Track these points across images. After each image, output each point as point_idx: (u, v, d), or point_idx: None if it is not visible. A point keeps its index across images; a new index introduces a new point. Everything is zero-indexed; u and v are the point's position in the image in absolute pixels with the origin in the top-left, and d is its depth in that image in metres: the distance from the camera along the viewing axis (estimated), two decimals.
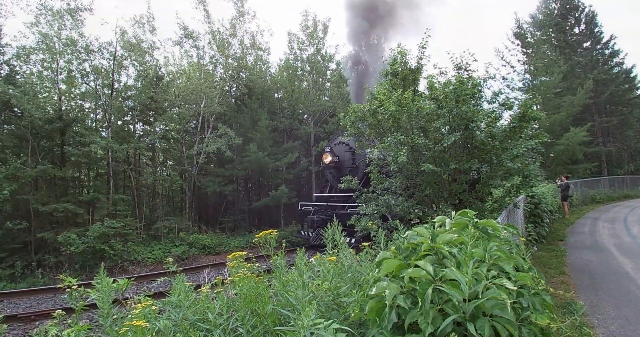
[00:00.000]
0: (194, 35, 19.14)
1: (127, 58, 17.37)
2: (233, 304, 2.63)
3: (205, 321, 2.58)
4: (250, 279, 2.55)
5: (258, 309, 2.54)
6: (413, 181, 7.04)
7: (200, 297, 2.89)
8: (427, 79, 7.66)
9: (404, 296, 1.75)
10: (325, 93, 23.37)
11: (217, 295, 2.88)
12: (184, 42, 19.39)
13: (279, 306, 2.39)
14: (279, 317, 2.52)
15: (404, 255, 2.03)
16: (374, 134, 7.58)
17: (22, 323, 6.96)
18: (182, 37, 19.26)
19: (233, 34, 20.00)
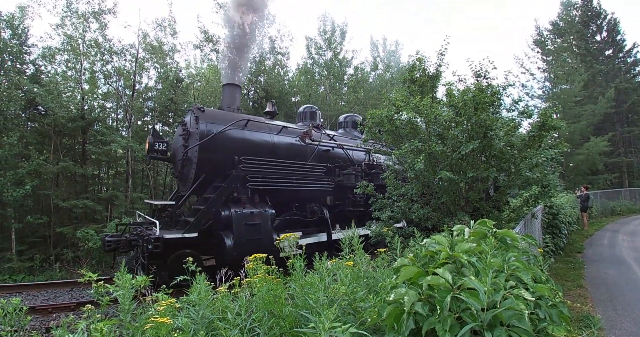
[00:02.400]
0: (214, 39, 19.48)
1: (148, 60, 17.76)
2: (251, 304, 2.69)
3: (223, 320, 2.65)
4: (268, 280, 2.60)
5: (275, 311, 2.59)
6: (429, 188, 7.02)
7: (218, 297, 2.96)
8: (446, 86, 7.64)
9: (422, 303, 1.77)
10: (342, 98, 23.45)
11: (234, 295, 2.95)
12: (204, 45, 19.75)
13: (297, 308, 2.43)
14: (295, 319, 2.56)
15: (422, 262, 2.05)
16: (391, 140, 7.59)
17: (39, 315, 7.14)
18: (203, 41, 19.62)
19: (252, 38, 20.22)
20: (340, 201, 10.76)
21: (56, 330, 2.62)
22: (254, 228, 7.97)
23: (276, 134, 9.78)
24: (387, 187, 7.63)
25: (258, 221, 8.05)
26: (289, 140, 10.00)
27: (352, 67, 24.77)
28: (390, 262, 3.69)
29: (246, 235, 7.81)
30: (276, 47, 21.30)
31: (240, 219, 7.82)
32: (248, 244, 7.70)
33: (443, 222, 6.46)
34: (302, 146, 10.19)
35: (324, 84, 23.13)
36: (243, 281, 3.12)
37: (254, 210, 8.15)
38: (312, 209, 9.80)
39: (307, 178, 9.57)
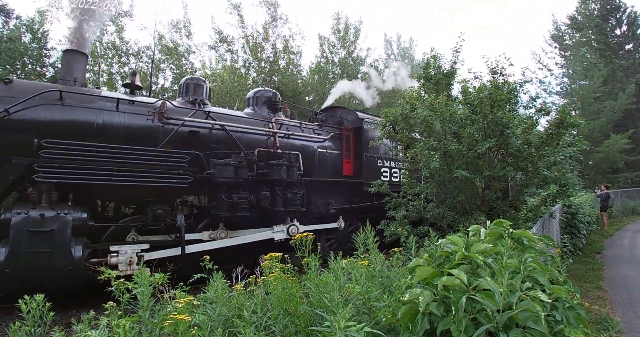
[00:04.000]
0: (228, 40, 19.67)
1: (164, 61, 18.04)
2: (266, 302, 2.73)
3: (239, 317, 2.69)
4: (283, 279, 2.63)
5: (290, 309, 2.62)
6: (445, 187, 6.96)
7: (234, 295, 3.01)
8: (461, 83, 7.57)
9: (437, 303, 1.78)
10: (356, 96, 23.41)
11: (250, 294, 2.99)
12: (219, 46, 19.97)
13: (312, 306, 2.46)
14: (310, 317, 2.59)
15: (437, 263, 2.05)
16: (406, 138, 7.55)
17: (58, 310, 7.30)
18: (217, 42, 19.85)
19: (266, 38, 20.39)
20: (213, 201, 7.90)
21: (77, 325, 2.70)
22: (42, 237, 5.81)
23: (110, 110, 7.13)
24: (402, 185, 7.59)
25: (50, 228, 5.88)
26: (133, 119, 7.31)
27: (366, 65, 24.71)
28: (404, 261, 3.69)
29: (28, 246, 5.67)
30: (289, 46, 21.37)
31: (21, 223, 5.75)
32: (30, 260, 5.64)
33: (459, 221, 6.40)
34: (154, 127, 7.35)
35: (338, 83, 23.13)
36: (259, 279, 3.16)
37: (48, 212, 5.93)
38: (156, 213, 7.03)
39: (151, 170, 6.77)
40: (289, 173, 8.11)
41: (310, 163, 9.45)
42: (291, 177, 8.15)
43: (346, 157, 10.37)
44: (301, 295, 2.78)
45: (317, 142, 9.87)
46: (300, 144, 9.41)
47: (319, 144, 9.88)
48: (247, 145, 8.27)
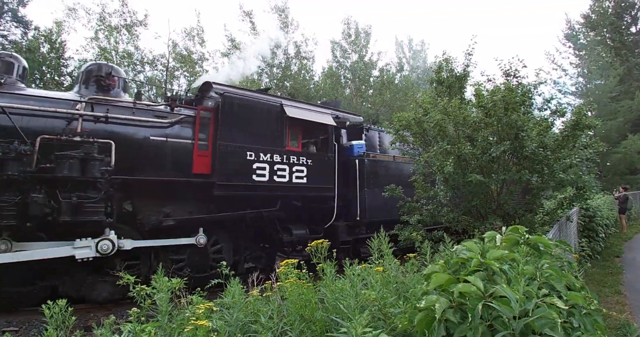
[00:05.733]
0: (240, 47, 19.96)
1: (178, 69, 18.36)
2: (282, 308, 2.76)
3: (255, 323, 2.73)
4: (299, 285, 2.66)
5: (306, 315, 2.65)
6: (459, 191, 6.93)
7: (250, 300, 3.05)
8: (474, 86, 7.53)
9: (453, 310, 1.79)
10: (368, 100, 23.43)
11: (266, 299, 3.03)
12: (231, 53, 20.24)
13: (328, 312, 2.48)
14: (326, 323, 2.61)
15: (452, 269, 2.06)
16: (419, 142, 7.53)
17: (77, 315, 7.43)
18: (230, 49, 20.12)
19: (278, 45, 20.60)
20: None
21: (98, 330, 2.77)
22: None
23: None
24: (416, 189, 7.54)
25: None
26: None
27: (378, 68, 24.72)
28: (419, 267, 3.69)
29: None
30: (301, 52, 21.55)
31: None
32: None
33: (474, 226, 6.36)
34: None
35: (350, 87, 23.20)
36: (274, 285, 3.20)
37: None
38: None
39: None
40: (85, 169, 5.86)
41: (137, 156, 6.80)
42: (88, 175, 5.86)
43: (200, 148, 7.33)
44: (316, 301, 2.81)
45: (154, 127, 7.05)
46: (124, 130, 6.76)
47: (156, 131, 7.04)
48: (35, 133, 5.93)
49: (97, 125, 6.54)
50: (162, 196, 7.04)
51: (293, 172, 8.02)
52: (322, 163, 8.73)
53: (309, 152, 8.85)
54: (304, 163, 8.24)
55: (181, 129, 7.38)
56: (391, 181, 9.48)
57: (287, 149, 8.11)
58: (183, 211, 7.22)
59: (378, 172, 9.66)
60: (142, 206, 7.01)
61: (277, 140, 7.92)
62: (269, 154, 7.67)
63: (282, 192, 7.89)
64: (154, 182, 6.87)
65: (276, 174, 7.71)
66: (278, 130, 7.98)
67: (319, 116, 8.94)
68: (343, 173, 9.28)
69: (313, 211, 8.96)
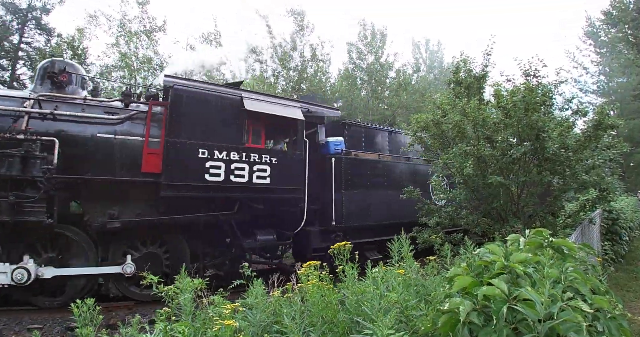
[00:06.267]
0: (257, 50, 20.22)
1: (196, 73, 18.67)
2: (304, 309, 2.80)
3: (277, 323, 2.78)
4: (321, 287, 2.70)
5: (327, 316, 2.68)
6: (479, 193, 6.87)
7: (272, 301, 3.10)
8: (493, 86, 7.45)
9: (477, 312, 1.80)
10: (385, 101, 23.32)
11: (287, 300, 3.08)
12: (248, 57, 20.55)
13: (350, 314, 2.51)
14: (348, 325, 2.64)
15: (475, 272, 2.07)
16: (438, 144, 7.49)
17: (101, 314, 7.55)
18: (247, 53, 20.45)
19: (294, 47, 20.74)
20: None
21: (124, 328, 2.86)
22: None
23: None
24: (434, 191, 7.51)
25: None
26: None
27: (394, 70, 24.62)
28: (439, 270, 3.69)
29: None
30: (317, 54, 21.64)
31: None
32: None
33: (494, 228, 6.30)
34: None
35: (366, 88, 23.14)
36: (295, 287, 3.25)
37: None
38: None
39: None
40: (25, 167, 5.82)
41: (83, 154, 6.53)
42: (27, 174, 5.80)
43: (151, 146, 6.85)
44: (337, 302, 2.85)
45: (102, 124, 6.76)
46: (71, 127, 6.54)
47: (104, 128, 6.75)
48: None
49: (44, 123, 6.34)
50: (110, 197, 6.67)
51: (254, 172, 7.25)
52: (289, 162, 7.84)
53: (273, 150, 8.10)
54: (267, 162, 7.43)
55: (133, 126, 6.98)
56: (377, 182, 9.15)
57: (247, 146, 7.36)
58: (131, 213, 6.79)
59: (360, 172, 8.90)
60: (89, 207, 6.67)
61: (235, 136, 7.19)
62: (225, 151, 6.98)
63: (241, 194, 7.15)
64: (100, 182, 6.54)
65: (233, 173, 7.01)
66: (236, 125, 7.22)
67: (284, 110, 7.98)
68: (319, 173, 8.57)
69: (281, 214, 8.04)
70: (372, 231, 8.91)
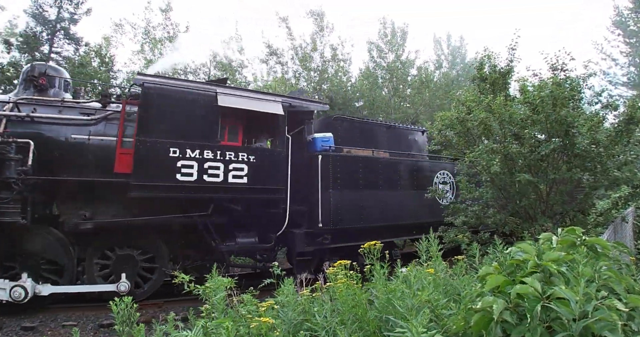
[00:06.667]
0: (278, 52, 20.39)
1: (219, 77, 19.02)
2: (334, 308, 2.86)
3: (308, 321, 2.85)
4: (350, 286, 2.75)
5: (357, 315, 2.73)
6: (506, 191, 6.76)
7: (301, 301, 3.17)
8: (519, 81, 7.31)
9: (509, 311, 1.81)
10: (407, 99, 23.05)
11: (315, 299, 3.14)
12: (269, 59, 20.72)
13: (381, 313, 2.55)
14: (379, 324, 2.68)
15: (507, 271, 2.08)
16: (463, 142, 7.40)
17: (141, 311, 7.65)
18: (268, 55, 20.63)
19: (314, 48, 20.80)
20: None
21: (158, 324, 2.98)
22: None
23: None
24: (460, 190, 7.39)
25: None
26: None
27: (416, 67, 24.31)
28: (467, 269, 3.68)
29: None
30: (337, 54, 21.64)
31: None
32: None
33: (522, 227, 6.19)
34: None
35: (387, 87, 22.92)
36: (323, 286, 3.31)
37: None
38: None
39: None
40: (1, 169, 5.97)
41: (58, 155, 6.59)
42: (3, 175, 5.92)
43: (125, 145, 6.70)
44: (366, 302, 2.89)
45: (77, 125, 6.81)
46: (46, 129, 6.64)
47: (79, 129, 6.80)
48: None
49: (21, 126, 6.45)
50: (84, 198, 6.65)
51: (229, 171, 6.89)
52: (270, 160, 7.39)
53: (250, 148, 7.49)
54: (244, 160, 7.05)
55: (108, 126, 6.95)
56: (371, 181, 8.45)
57: (222, 144, 7.06)
58: (106, 214, 6.72)
59: (352, 170, 8.27)
60: (64, 208, 6.69)
61: (208, 134, 6.89)
62: (197, 150, 6.68)
63: (215, 194, 6.85)
64: (74, 183, 6.56)
65: (206, 172, 6.71)
66: (210, 122, 6.93)
67: (261, 105, 7.48)
68: (305, 172, 8.13)
69: (261, 216, 7.66)
70: (367, 234, 8.08)
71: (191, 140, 6.65)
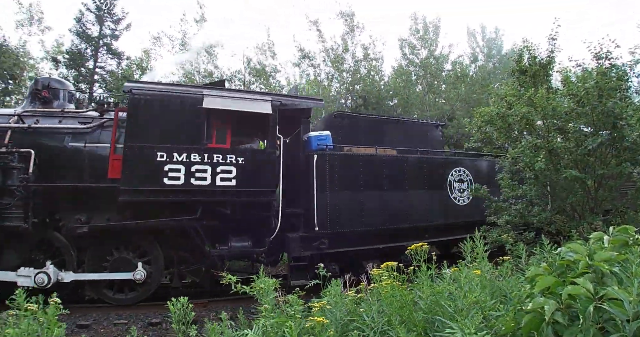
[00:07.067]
0: (310, 55, 20.67)
1: (254, 83, 19.56)
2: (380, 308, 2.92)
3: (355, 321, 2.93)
4: (396, 287, 2.81)
5: (404, 316, 2.78)
6: (552, 188, 6.52)
7: (347, 301, 3.25)
8: (561, 72, 7.02)
9: (561, 312, 1.81)
10: (442, 95, 22.55)
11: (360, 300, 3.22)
12: (301, 62, 21.05)
13: (427, 314, 2.59)
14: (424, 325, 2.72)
15: (557, 272, 2.07)
16: (504, 138, 7.17)
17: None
18: (300, 59, 20.97)
19: (345, 49, 20.86)
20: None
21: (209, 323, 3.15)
22: None
23: None
24: (503, 188, 7.14)
25: None
26: None
27: (450, 62, 23.75)
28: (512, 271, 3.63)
29: None
30: (369, 53, 21.58)
31: None
32: None
33: (570, 226, 5.96)
34: None
35: (421, 83, 22.51)
36: (369, 287, 3.37)
37: None
38: None
39: None
40: (4, 177, 6.38)
41: (57, 163, 6.92)
42: (6, 183, 6.34)
43: (118, 152, 6.78)
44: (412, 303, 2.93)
45: (74, 134, 7.09)
46: (47, 138, 6.99)
47: (76, 137, 7.07)
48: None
49: (24, 136, 6.79)
50: (81, 203, 6.87)
51: (217, 173, 6.75)
52: (260, 161, 7.11)
53: (238, 149, 7.23)
54: (232, 162, 6.87)
55: (103, 134, 7.14)
56: (374, 181, 7.98)
57: (209, 147, 6.93)
58: (102, 219, 6.91)
59: (352, 170, 7.81)
60: (64, 213, 6.93)
61: (195, 137, 6.82)
62: (184, 153, 6.61)
63: (203, 197, 6.77)
64: (71, 189, 6.80)
65: (194, 176, 6.63)
66: (196, 125, 6.86)
67: (248, 105, 7.26)
68: (302, 173, 7.87)
69: (252, 219, 7.42)
70: (370, 238, 7.83)
71: (178, 144, 6.65)
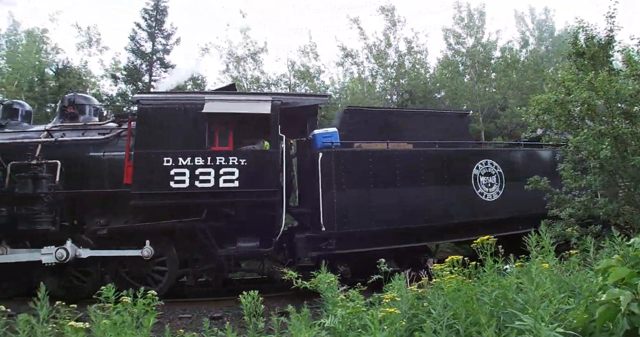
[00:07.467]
0: (352, 54, 20.81)
1: (299, 85, 20.03)
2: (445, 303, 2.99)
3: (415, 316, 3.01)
4: (460, 282, 2.87)
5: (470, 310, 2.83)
6: (619, 177, 6.13)
7: (409, 296, 3.34)
8: (623, 52, 6.57)
9: (637, 303, 1.81)
10: (492, 84, 21.54)
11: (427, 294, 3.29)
12: (345, 61, 21.24)
13: (495, 308, 2.63)
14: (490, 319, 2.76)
15: (631, 263, 2.06)
16: (564, 126, 6.81)
17: None
18: (343, 58, 21.16)
19: (388, 44, 20.71)
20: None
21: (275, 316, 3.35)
22: None
23: None
24: (564, 179, 6.75)
25: None
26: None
27: (499, 48, 22.66)
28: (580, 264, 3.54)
29: None
30: (413, 46, 21.25)
31: None
32: None
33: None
34: None
35: (469, 73, 21.64)
36: (431, 282, 3.44)
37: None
38: None
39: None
40: (35, 186, 6.90)
41: (80, 171, 7.51)
42: (37, 191, 6.88)
43: (131, 159, 7.16)
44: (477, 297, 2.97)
45: (94, 144, 7.72)
46: (71, 150, 7.63)
47: (96, 147, 7.68)
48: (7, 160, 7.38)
49: (53, 149, 7.48)
50: (102, 208, 7.47)
51: (220, 175, 6.90)
52: (262, 162, 7.20)
53: (240, 151, 7.32)
54: (235, 164, 6.98)
55: (120, 143, 7.66)
56: (385, 178, 7.68)
57: (212, 150, 7.16)
58: (120, 222, 7.38)
59: (361, 168, 7.54)
60: (87, 217, 7.58)
61: (198, 141, 7.10)
62: (189, 157, 6.87)
63: (207, 199, 6.99)
64: (93, 195, 7.42)
65: (198, 179, 6.85)
66: (199, 130, 7.12)
67: (247, 106, 7.43)
68: (308, 171, 7.81)
69: (256, 219, 7.44)
70: (382, 238, 7.54)
71: (182, 149, 6.99)
